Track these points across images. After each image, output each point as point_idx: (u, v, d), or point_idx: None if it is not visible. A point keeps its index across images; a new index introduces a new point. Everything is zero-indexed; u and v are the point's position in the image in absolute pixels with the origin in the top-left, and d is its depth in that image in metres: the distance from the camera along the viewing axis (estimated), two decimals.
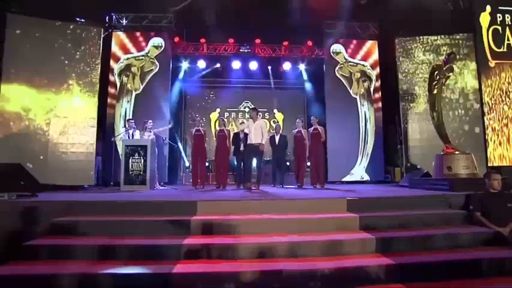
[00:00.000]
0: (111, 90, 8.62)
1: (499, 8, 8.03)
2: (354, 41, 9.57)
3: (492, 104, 7.88)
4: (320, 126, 7.02)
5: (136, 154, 6.14)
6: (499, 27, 8.00)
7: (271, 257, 2.88)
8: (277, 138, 7.29)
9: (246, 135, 6.66)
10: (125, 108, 8.65)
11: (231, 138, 7.21)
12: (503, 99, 7.88)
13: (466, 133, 8.16)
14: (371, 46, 9.52)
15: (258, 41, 10.20)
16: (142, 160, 6.15)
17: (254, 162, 6.44)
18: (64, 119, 7.46)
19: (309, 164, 7.39)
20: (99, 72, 7.88)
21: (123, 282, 2.55)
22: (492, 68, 7.94)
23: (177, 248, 2.91)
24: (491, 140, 7.75)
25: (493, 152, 7.71)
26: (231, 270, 2.65)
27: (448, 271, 2.74)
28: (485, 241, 3.20)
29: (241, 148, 6.88)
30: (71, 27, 7.71)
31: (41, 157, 7.06)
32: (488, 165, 7.58)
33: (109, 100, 8.54)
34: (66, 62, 7.58)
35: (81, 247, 2.94)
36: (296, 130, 7.16)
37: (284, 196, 4.66)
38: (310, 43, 10.17)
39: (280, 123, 10.96)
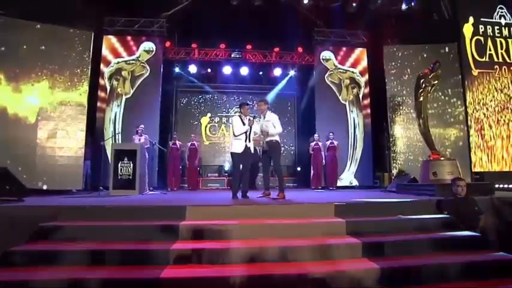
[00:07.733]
0: (101, 94, 8.57)
1: (481, 19, 8.36)
2: (344, 48, 9.75)
3: (475, 111, 8.12)
4: (336, 141, 8.58)
5: (126, 158, 6.08)
6: (481, 38, 8.31)
7: (260, 262, 2.90)
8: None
9: None
10: (114, 112, 8.59)
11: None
12: (485, 107, 8.14)
13: (451, 140, 8.37)
14: (360, 53, 9.71)
15: (249, 46, 10.29)
16: (131, 164, 6.08)
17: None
18: (52, 122, 7.35)
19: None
20: (89, 75, 7.79)
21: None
22: (475, 77, 8.20)
23: (165, 253, 2.91)
24: (474, 147, 7.98)
25: (476, 159, 7.94)
26: (220, 275, 2.66)
27: (433, 275, 2.81)
28: (466, 245, 3.29)
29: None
30: (61, 30, 7.59)
31: (28, 161, 6.91)
32: (472, 171, 7.79)
33: (99, 104, 8.49)
34: (56, 65, 7.46)
35: (69, 252, 2.91)
36: (314, 143, 8.59)
37: (272, 201, 4.69)
38: (300, 49, 10.31)
39: None
